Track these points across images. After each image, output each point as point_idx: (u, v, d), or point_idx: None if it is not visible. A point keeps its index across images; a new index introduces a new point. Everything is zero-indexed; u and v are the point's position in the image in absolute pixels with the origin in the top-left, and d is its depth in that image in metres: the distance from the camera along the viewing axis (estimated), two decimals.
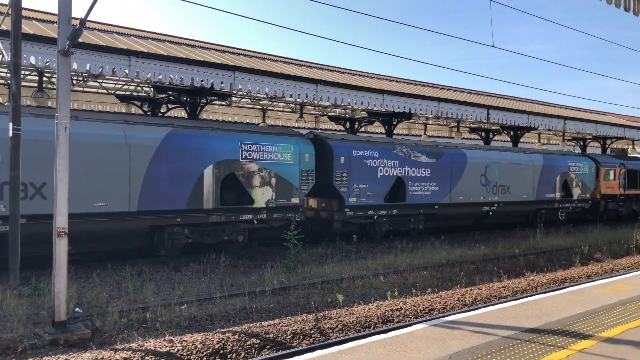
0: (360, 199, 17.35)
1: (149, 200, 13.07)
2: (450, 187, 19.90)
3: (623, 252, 17.64)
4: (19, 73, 10.57)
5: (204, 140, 14.22)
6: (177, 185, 13.59)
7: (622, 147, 40.86)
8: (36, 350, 7.11)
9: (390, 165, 18.17)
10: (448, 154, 20.06)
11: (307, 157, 15.98)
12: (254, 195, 14.99)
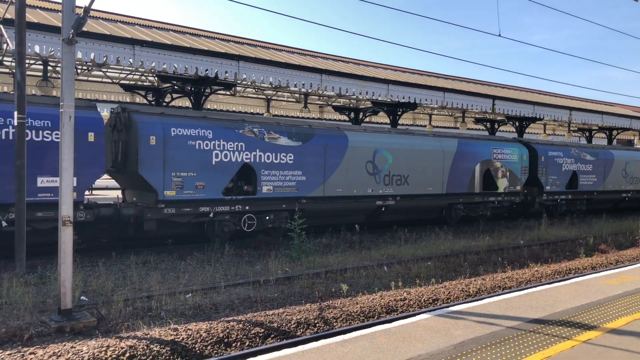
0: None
1: (449, 186, 19.75)
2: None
3: (628, 244, 17.58)
4: (23, 62, 10.55)
5: (474, 147, 20.84)
6: (462, 177, 20.14)
7: (628, 139, 40.61)
8: (42, 337, 7.17)
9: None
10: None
11: (525, 157, 22.32)
12: (498, 183, 21.49)
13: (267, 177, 15.13)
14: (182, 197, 13.62)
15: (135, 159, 13.05)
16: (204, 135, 14.00)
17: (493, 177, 21.23)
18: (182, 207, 13.69)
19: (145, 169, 13.04)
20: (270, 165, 15.16)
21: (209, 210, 14.18)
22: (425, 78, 24.75)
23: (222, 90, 19.37)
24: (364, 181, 17.30)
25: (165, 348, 6.79)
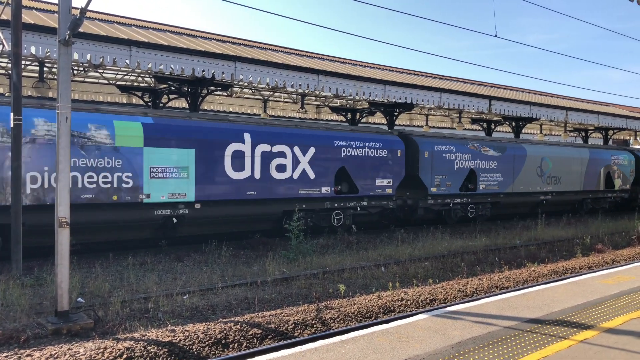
0: None
1: (584, 185, 24.52)
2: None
3: (624, 243, 17.64)
4: (19, 63, 10.52)
5: (600, 154, 26.02)
6: (592, 178, 25.36)
7: (624, 139, 40.76)
8: (39, 339, 7.14)
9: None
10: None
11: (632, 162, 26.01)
12: (615, 182, 25.93)
13: (483, 178, 20.92)
14: (439, 192, 19.42)
15: (417, 167, 18.86)
16: (450, 150, 19.80)
17: (612, 178, 26.45)
18: (437, 199, 19.44)
19: (422, 173, 18.97)
20: (484, 170, 20.99)
21: (450, 201, 19.81)
22: (422, 78, 24.79)
23: (218, 91, 19.36)
24: (535, 181, 22.98)
25: (163, 349, 6.78)
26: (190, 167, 13.66)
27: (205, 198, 13.99)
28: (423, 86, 20.72)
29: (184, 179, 13.57)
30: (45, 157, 11.67)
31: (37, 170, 11.65)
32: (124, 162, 12.69)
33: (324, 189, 16.42)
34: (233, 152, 14.52)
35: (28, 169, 11.39)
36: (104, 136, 12.42)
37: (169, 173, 13.39)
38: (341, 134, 17.13)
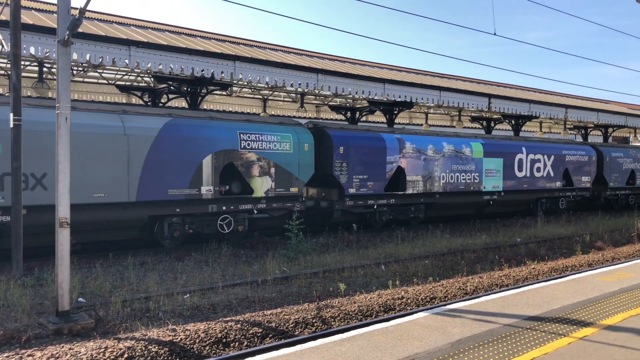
0: None
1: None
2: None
3: (624, 241, 17.65)
4: (18, 63, 10.53)
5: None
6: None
7: (624, 136, 40.76)
8: (40, 339, 7.16)
9: None
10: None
11: None
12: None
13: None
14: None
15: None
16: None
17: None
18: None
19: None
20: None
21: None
22: (421, 77, 24.80)
23: (218, 91, 19.36)
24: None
25: (164, 349, 6.80)
26: (500, 169, 21.60)
27: (506, 189, 21.86)
28: (422, 84, 20.73)
29: (498, 177, 21.56)
30: None
31: None
32: (475, 166, 20.78)
33: None
34: (518, 159, 22.32)
35: None
36: (468, 152, 20.38)
37: (492, 173, 21.31)
38: None
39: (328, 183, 16.98)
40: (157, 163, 13.05)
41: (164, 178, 13.20)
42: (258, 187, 14.84)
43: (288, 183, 15.45)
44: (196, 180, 13.72)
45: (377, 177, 17.45)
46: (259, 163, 14.87)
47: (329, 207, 16.82)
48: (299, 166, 15.74)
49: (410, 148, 18.42)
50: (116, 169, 12.48)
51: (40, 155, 11.43)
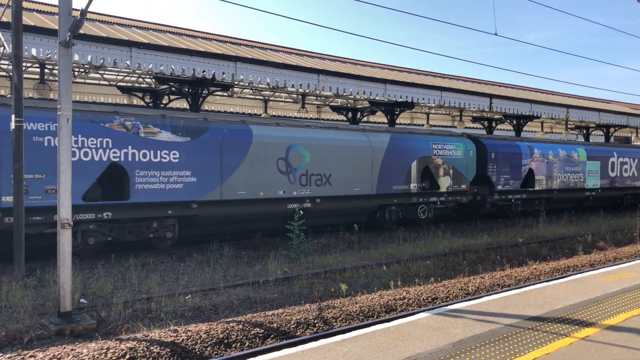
0: None
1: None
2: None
3: (626, 241, 17.63)
4: (20, 65, 10.55)
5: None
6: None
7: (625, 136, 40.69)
8: (42, 340, 7.17)
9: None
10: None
11: None
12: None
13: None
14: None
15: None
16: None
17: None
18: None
19: None
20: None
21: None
22: (423, 77, 24.79)
23: (219, 91, 19.37)
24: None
25: (165, 349, 6.80)
26: (598, 170, 25.69)
27: (602, 187, 25.59)
28: (424, 85, 20.72)
29: (596, 177, 25.52)
30: None
31: None
32: (581, 168, 24.62)
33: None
34: (611, 162, 26.28)
35: None
36: (576, 156, 24.56)
37: (592, 174, 25.38)
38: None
39: (480, 181, 21.28)
40: (386, 166, 17.74)
41: (390, 177, 17.88)
42: (442, 184, 19.57)
43: (460, 181, 20.22)
44: (407, 179, 18.40)
45: (515, 177, 21.96)
46: (443, 166, 19.61)
47: (482, 200, 21.27)
48: (466, 168, 20.30)
49: (537, 153, 22.99)
50: (365, 171, 17.23)
51: None
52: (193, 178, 13.60)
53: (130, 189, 12.65)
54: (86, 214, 12.14)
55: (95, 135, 12.20)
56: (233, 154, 14.29)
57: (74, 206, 8.44)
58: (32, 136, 11.41)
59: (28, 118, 11.19)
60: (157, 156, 13.04)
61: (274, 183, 15.04)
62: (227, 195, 14.14)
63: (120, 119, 12.69)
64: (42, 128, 11.64)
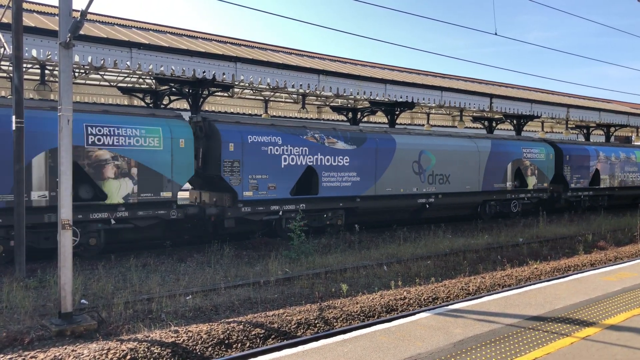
0: None
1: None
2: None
3: (627, 240, 17.62)
4: (21, 66, 10.56)
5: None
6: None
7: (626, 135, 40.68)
8: (43, 341, 7.18)
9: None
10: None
11: None
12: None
13: None
14: None
15: None
16: None
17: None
18: None
19: None
20: None
21: None
22: (423, 77, 24.80)
23: (219, 92, 19.38)
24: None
25: (166, 350, 6.81)
26: None
27: None
28: (424, 85, 20.73)
29: None
30: None
31: None
32: (637, 168, 27.77)
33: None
34: None
35: None
36: (633, 158, 27.28)
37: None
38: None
39: (556, 180, 24.03)
40: (489, 168, 20.88)
41: (491, 177, 21.00)
42: (530, 183, 22.68)
43: (543, 180, 23.25)
44: (504, 178, 21.58)
45: (585, 176, 24.84)
46: (530, 167, 22.71)
47: (558, 197, 24.17)
48: (548, 169, 23.50)
49: (602, 155, 25.75)
50: (474, 172, 20.44)
51: None
52: (357, 178, 17.12)
53: (319, 186, 16.21)
54: (290, 205, 15.69)
55: (296, 144, 15.78)
56: (383, 159, 17.70)
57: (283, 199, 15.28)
58: (261, 147, 14.92)
59: (259, 133, 15.06)
60: (335, 161, 16.54)
61: (409, 181, 18.45)
62: (379, 192, 17.68)
63: (311, 132, 16.30)
64: (266, 140, 15.07)
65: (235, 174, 14.42)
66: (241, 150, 14.52)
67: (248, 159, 14.62)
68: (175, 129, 13.47)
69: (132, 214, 12.81)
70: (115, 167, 12.50)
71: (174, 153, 13.32)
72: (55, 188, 11.24)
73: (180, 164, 13.45)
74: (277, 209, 15.35)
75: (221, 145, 14.17)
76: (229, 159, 14.30)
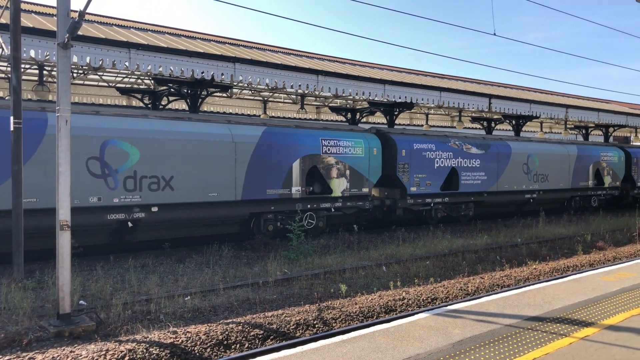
0: None
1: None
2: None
3: (625, 240, 17.63)
4: (19, 67, 10.54)
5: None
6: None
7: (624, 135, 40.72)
8: (41, 342, 7.16)
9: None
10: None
11: None
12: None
13: None
14: None
15: None
16: None
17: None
18: None
19: None
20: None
21: None
22: (422, 78, 24.80)
23: (218, 93, 19.36)
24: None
25: (165, 351, 6.80)
26: None
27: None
28: (423, 85, 20.72)
29: None
30: None
31: None
32: None
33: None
34: None
35: None
36: None
37: None
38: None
39: (626, 179, 27.76)
40: (575, 169, 24.52)
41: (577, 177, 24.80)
42: (606, 182, 26.29)
43: (616, 179, 27.14)
44: (587, 178, 25.08)
45: None
46: (606, 168, 26.19)
47: (626, 194, 27.90)
48: (619, 170, 27.49)
49: None
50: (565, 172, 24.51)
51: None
52: (485, 177, 21.09)
53: (459, 183, 20.13)
54: (439, 198, 19.65)
55: (444, 150, 19.80)
56: (502, 161, 21.72)
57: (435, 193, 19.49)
58: (422, 152, 18.97)
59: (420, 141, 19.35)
60: (471, 163, 20.48)
61: (519, 180, 22.40)
62: (500, 188, 21.71)
63: (453, 140, 20.26)
64: (425, 147, 19.12)
65: (405, 173, 18.44)
66: (409, 155, 18.61)
67: (414, 162, 18.72)
68: (370, 141, 17.89)
69: (344, 204, 17.14)
70: (337, 169, 16.90)
71: (370, 159, 17.71)
72: (305, 184, 16.07)
73: (374, 167, 17.76)
74: (430, 201, 19.26)
75: (397, 151, 18.26)
76: (401, 162, 18.36)
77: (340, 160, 16.81)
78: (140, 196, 12.88)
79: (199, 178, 13.82)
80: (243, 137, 14.71)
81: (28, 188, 11.02)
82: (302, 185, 15.89)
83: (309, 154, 16.08)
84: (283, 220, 15.63)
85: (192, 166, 13.73)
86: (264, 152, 15.03)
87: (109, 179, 12.52)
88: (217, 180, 14.14)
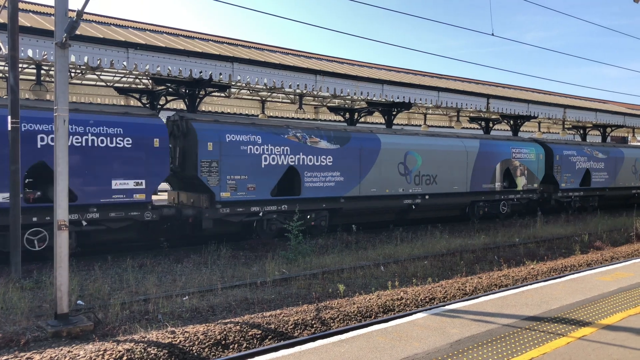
0: None
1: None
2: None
3: (623, 240, 17.67)
4: (16, 66, 10.53)
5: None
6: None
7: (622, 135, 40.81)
8: (39, 342, 7.15)
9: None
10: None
11: None
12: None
13: None
14: None
15: None
16: None
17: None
18: None
19: None
20: None
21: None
22: (420, 78, 24.82)
23: (216, 92, 19.36)
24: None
25: (163, 351, 6.79)
26: None
27: None
28: (421, 85, 20.75)
29: None
30: None
31: None
32: None
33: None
34: None
35: None
36: None
37: None
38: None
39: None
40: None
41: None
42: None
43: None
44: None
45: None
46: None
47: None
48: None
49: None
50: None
51: None
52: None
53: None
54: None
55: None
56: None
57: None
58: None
59: None
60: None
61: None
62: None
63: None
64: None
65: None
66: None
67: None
68: (537, 149, 23.07)
69: (523, 196, 22.63)
70: (519, 169, 22.23)
71: (539, 164, 23.20)
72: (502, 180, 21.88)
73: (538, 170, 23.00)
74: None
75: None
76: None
77: (522, 163, 22.74)
78: (421, 188, 18.91)
79: (449, 175, 19.67)
80: (471, 148, 20.52)
81: None
82: (500, 181, 21.59)
83: (504, 159, 21.79)
84: (489, 207, 21.46)
85: (446, 168, 19.57)
86: (481, 158, 20.78)
87: (408, 177, 18.56)
88: (458, 177, 20.05)
